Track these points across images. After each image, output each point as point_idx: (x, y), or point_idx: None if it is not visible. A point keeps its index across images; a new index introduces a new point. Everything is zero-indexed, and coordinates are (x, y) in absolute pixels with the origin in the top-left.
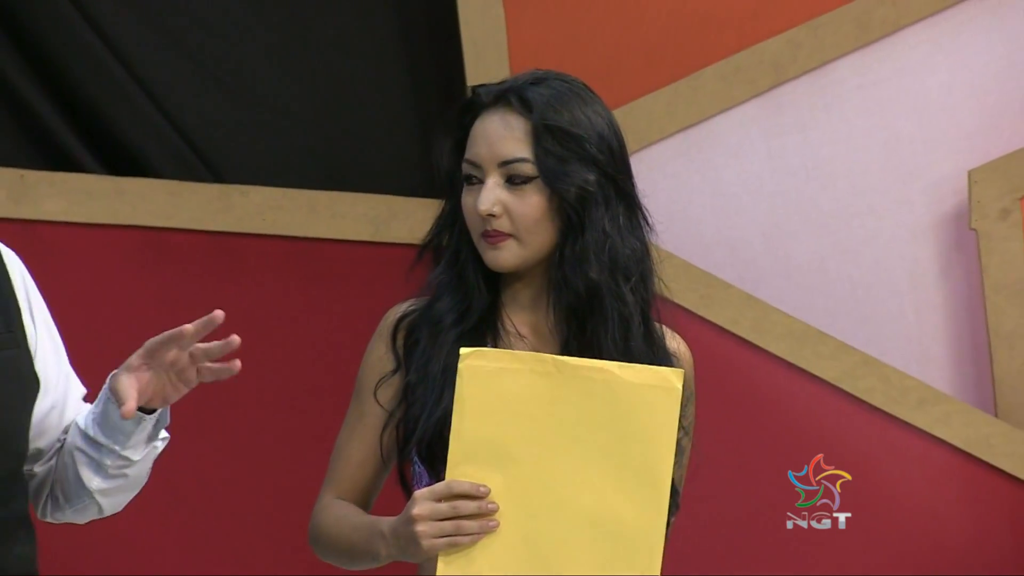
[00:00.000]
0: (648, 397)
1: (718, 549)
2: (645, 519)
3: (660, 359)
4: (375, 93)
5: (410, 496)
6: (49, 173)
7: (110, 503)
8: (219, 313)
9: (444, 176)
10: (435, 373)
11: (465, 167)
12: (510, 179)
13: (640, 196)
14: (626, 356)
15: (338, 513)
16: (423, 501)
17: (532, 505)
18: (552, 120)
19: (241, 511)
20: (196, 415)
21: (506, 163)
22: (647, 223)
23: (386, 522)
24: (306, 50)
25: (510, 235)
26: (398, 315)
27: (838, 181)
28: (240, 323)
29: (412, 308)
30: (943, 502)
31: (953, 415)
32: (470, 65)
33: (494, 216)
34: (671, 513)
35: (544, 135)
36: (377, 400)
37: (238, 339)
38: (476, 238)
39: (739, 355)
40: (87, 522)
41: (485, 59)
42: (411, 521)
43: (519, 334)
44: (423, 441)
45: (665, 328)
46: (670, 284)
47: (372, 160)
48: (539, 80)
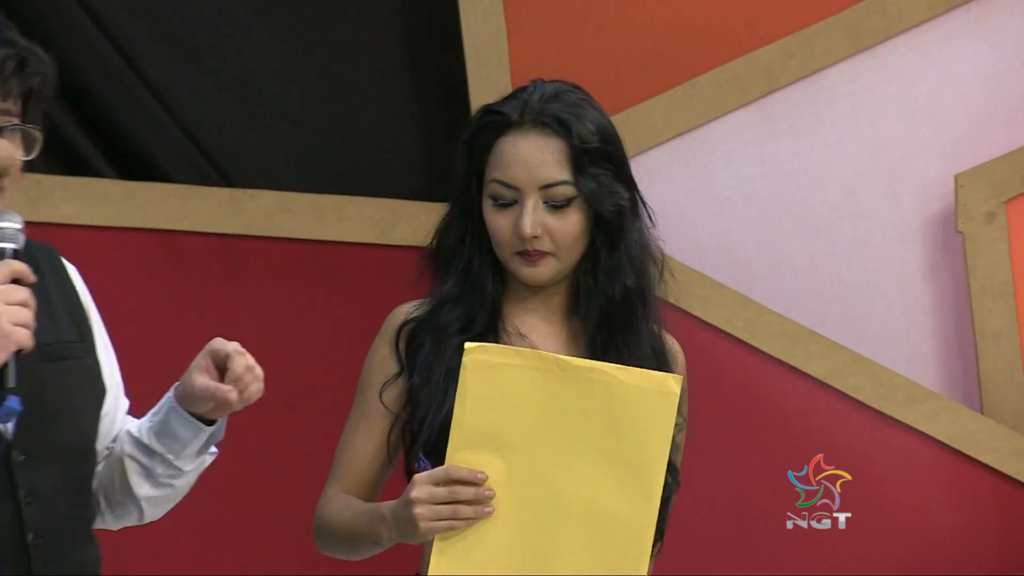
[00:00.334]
0: (646, 400)
1: (717, 547)
2: (637, 517)
3: (663, 359)
4: (380, 100)
5: None
6: (65, 178)
7: (152, 511)
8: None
9: (460, 191)
10: (438, 377)
11: (496, 187)
12: (549, 200)
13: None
14: (654, 358)
15: (341, 504)
16: (422, 484)
17: (527, 495)
18: (588, 141)
19: (249, 510)
20: None
21: (548, 186)
22: (650, 218)
23: (387, 505)
24: (314, 59)
25: (549, 253)
26: (401, 320)
27: (829, 185)
28: (249, 322)
29: (415, 313)
30: (930, 496)
31: (940, 412)
32: (472, 73)
33: (537, 238)
34: (672, 491)
35: (582, 157)
36: (382, 402)
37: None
38: (508, 255)
39: (733, 354)
40: (119, 528)
41: (487, 67)
42: (410, 503)
43: (520, 334)
44: (429, 442)
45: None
46: (666, 285)
47: (377, 165)
48: (556, 95)
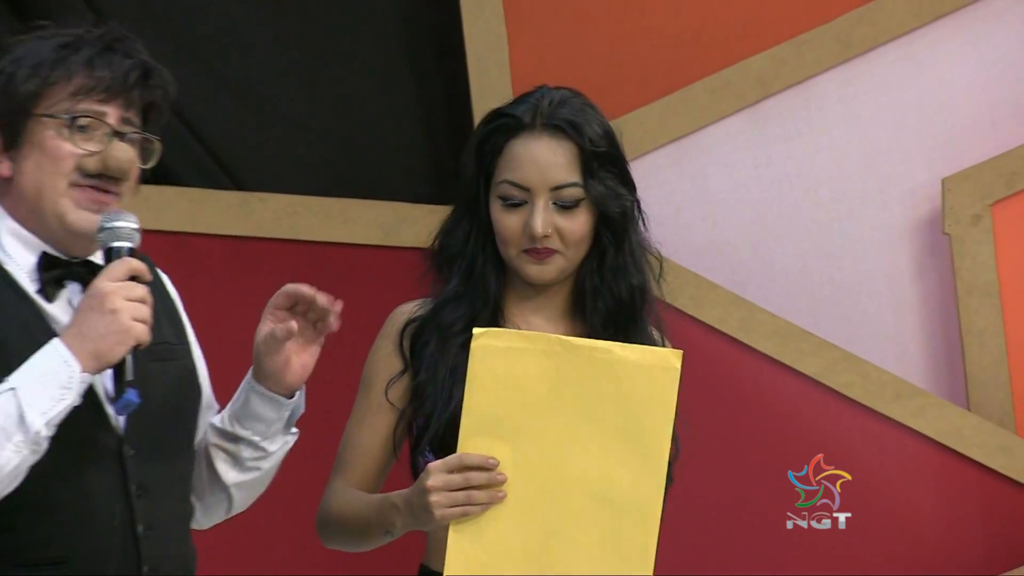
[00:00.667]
0: (649, 376)
1: (717, 547)
2: (643, 490)
3: None
4: (385, 106)
5: None
6: None
7: (242, 498)
8: (333, 302)
9: (467, 192)
10: (444, 375)
11: (507, 188)
12: (559, 201)
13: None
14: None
15: (348, 496)
16: (437, 473)
17: (537, 476)
18: (598, 145)
19: (253, 507)
20: None
21: (558, 188)
22: (644, 224)
23: (398, 495)
24: (321, 66)
25: (557, 251)
26: (405, 319)
27: (820, 188)
28: (258, 322)
29: (418, 312)
30: (918, 490)
31: (927, 408)
32: (474, 80)
33: (547, 236)
34: (674, 458)
35: (591, 160)
36: (387, 398)
37: (339, 303)
38: (515, 253)
39: (727, 352)
40: (210, 527)
41: (488, 74)
42: (425, 492)
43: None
44: (435, 437)
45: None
46: (662, 286)
47: (382, 169)
48: (564, 101)
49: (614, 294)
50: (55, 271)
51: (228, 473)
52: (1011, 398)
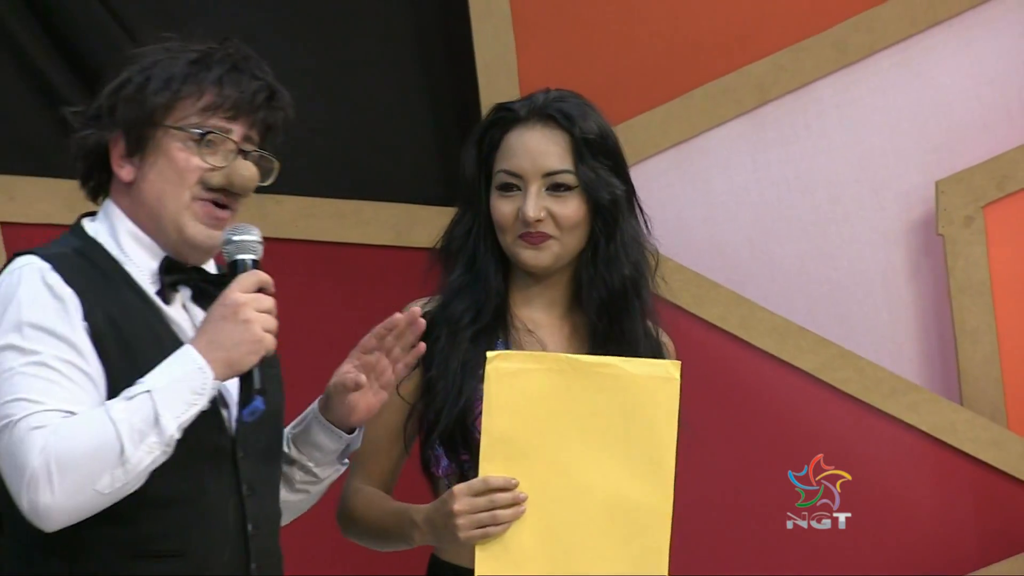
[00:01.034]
0: (651, 387)
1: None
2: (654, 495)
3: (657, 349)
4: (397, 112)
5: (430, 477)
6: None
7: (284, 516)
8: (416, 309)
9: (467, 185)
10: (454, 369)
11: (503, 176)
12: (552, 188)
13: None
14: (649, 346)
15: (367, 499)
16: (462, 497)
17: (554, 488)
18: (589, 134)
19: None
20: None
21: (550, 174)
22: (646, 226)
23: (418, 512)
24: (337, 74)
25: (551, 236)
26: None
27: (818, 191)
28: (281, 321)
29: (427, 308)
30: (912, 483)
31: (921, 403)
32: (483, 86)
33: (540, 220)
34: None
35: (583, 148)
36: (399, 393)
37: (423, 322)
38: (511, 240)
39: (727, 349)
40: None
41: (497, 81)
42: (451, 515)
43: (527, 329)
44: (445, 432)
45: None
46: (664, 284)
47: (394, 172)
48: (562, 97)
49: (607, 284)
50: (173, 275)
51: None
52: (1003, 394)
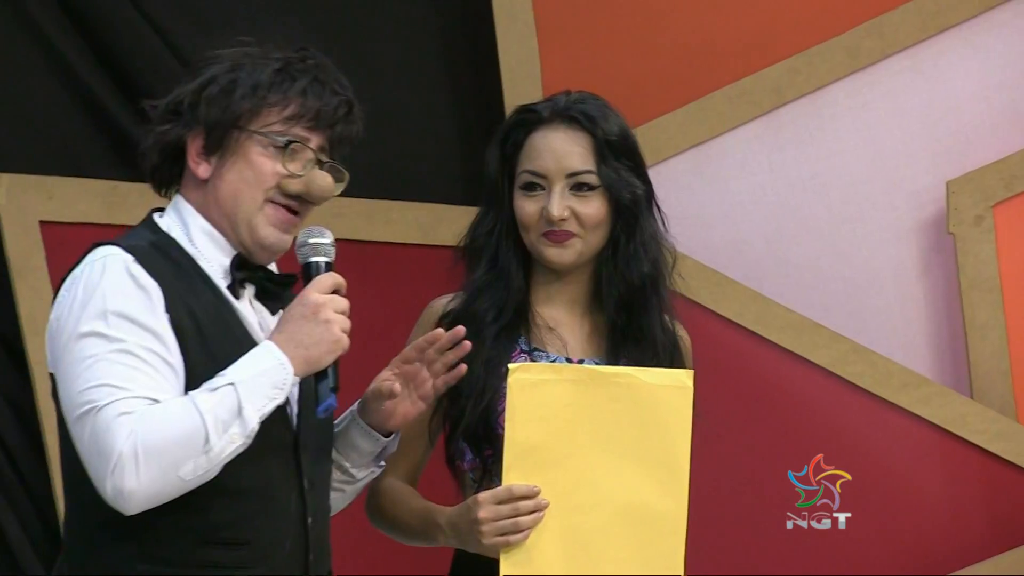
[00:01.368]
0: (665, 396)
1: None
2: (669, 499)
3: (674, 344)
4: (424, 115)
5: (455, 470)
6: (138, 184)
7: None
8: (461, 329)
9: (490, 184)
10: (478, 367)
11: (526, 176)
12: (575, 187)
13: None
14: (667, 342)
15: (395, 496)
16: (488, 505)
17: (574, 498)
18: (611, 136)
19: None
20: None
21: (574, 174)
22: (664, 224)
23: (442, 515)
24: (365, 79)
25: (574, 234)
26: (439, 312)
27: (831, 191)
28: None
29: (451, 305)
30: (923, 474)
31: (933, 396)
32: (508, 90)
33: (564, 220)
34: None
35: (605, 150)
36: None
37: (468, 344)
38: (535, 238)
39: (744, 344)
40: None
41: (521, 85)
42: (476, 522)
43: (548, 327)
44: (469, 428)
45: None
46: (683, 281)
47: (421, 173)
48: (583, 99)
49: (626, 280)
50: (242, 272)
51: None
52: (1011, 387)
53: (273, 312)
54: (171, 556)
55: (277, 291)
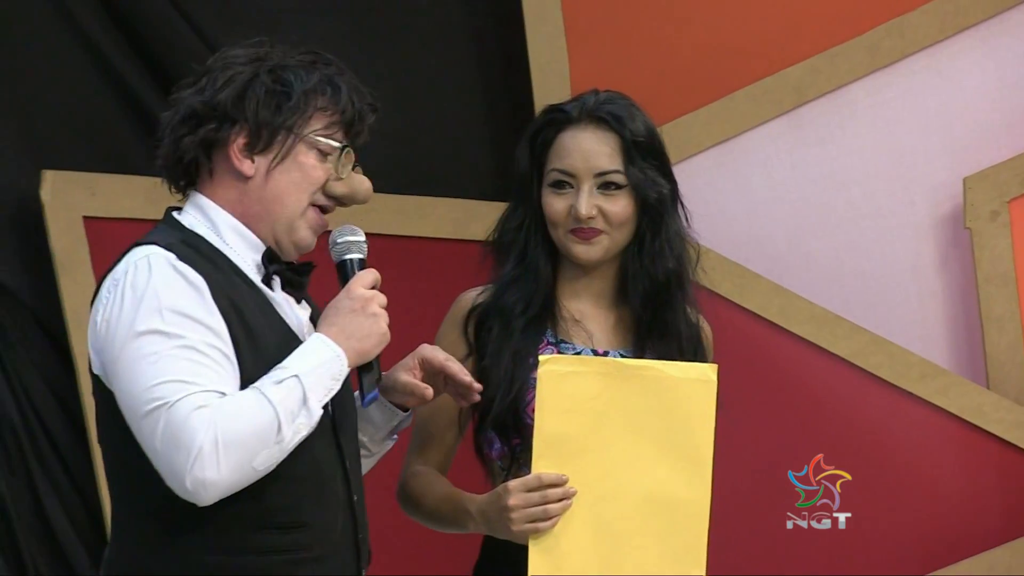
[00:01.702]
0: (689, 389)
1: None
2: (693, 493)
3: (697, 337)
4: (456, 113)
5: (483, 458)
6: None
7: None
8: (479, 386)
9: (520, 181)
10: (507, 360)
11: (555, 175)
12: (603, 186)
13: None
14: (691, 335)
15: (425, 483)
16: (517, 492)
17: (600, 488)
18: (638, 136)
19: None
20: None
21: (602, 174)
22: (687, 220)
23: (472, 503)
24: (400, 79)
25: (602, 232)
26: (469, 306)
27: (851, 187)
28: None
29: (480, 299)
30: (941, 462)
31: (950, 387)
32: (537, 90)
33: (592, 217)
34: None
35: (632, 150)
36: None
37: (477, 397)
38: (562, 234)
39: (767, 336)
40: None
41: (550, 85)
42: (506, 509)
43: (574, 320)
44: (498, 418)
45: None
46: (708, 275)
47: (453, 169)
48: (611, 99)
49: (651, 276)
50: (274, 266)
51: None
52: None
53: (297, 301)
54: (230, 544)
55: (299, 281)
